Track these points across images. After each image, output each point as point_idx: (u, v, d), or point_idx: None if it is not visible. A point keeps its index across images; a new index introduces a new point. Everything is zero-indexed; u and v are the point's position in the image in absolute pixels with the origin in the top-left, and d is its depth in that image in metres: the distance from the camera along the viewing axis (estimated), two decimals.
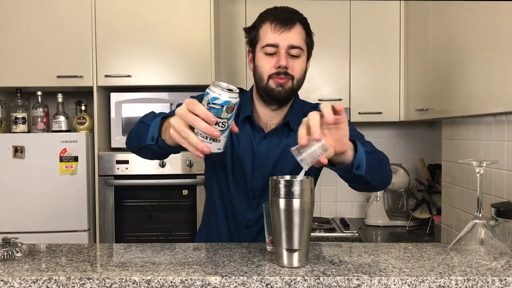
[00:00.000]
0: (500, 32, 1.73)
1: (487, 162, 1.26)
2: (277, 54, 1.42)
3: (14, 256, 1.24)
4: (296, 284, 1.05)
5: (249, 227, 1.51)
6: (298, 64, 1.44)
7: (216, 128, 1.00)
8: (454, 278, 1.04)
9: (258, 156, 1.47)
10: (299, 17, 1.46)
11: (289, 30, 1.42)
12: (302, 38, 1.44)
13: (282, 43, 1.41)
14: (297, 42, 1.42)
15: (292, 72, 1.43)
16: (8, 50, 2.68)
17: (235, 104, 1.04)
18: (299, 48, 1.42)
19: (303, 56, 1.45)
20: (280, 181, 1.11)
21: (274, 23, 1.43)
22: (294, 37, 1.42)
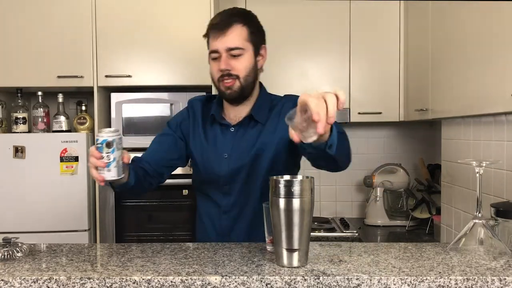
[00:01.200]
0: (499, 32, 1.74)
1: (487, 162, 1.26)
2: (220, 57, 1.52)
3: (14, 256, 1.25)
4: (296, 284, 1.05)
5: (226, 212, 1.61)
6: (241, 63, 1.52)
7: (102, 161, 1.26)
8: (454, 277, 1.04)
9: (224, 147, 1.59)
10: (237, 18, 1.54)
11: (224, 34, 1.51)
12: (241, 37, 1.52)
13: (220, 48, 1.51)
14: (234, 43, 1.51)
15: (236, 72, 1.52)
16: (9, 50, 2.68)
17: (112, 141, 1.26)
18: (238, 48, 1.51)
19: (247, 53, 1.53)
20: (280, 181, 1.11)
21: (212, 30, 1.54)
22: (230, 39, 1.51)
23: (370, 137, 3.32)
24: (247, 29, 1.54)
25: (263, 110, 1.60)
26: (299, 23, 2.95)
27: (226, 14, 1.56)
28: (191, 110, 1.69)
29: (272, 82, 2.97)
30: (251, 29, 1.55)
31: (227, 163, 1.58)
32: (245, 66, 1.53)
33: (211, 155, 1.60)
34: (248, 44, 1.53)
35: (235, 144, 1.59)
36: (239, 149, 1.58)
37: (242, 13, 1.58)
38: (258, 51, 1.58)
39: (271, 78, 2.97)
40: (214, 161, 1.59)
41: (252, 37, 1.54)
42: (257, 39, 1.57)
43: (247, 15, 1.58)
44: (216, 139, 1.61)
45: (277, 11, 2.96)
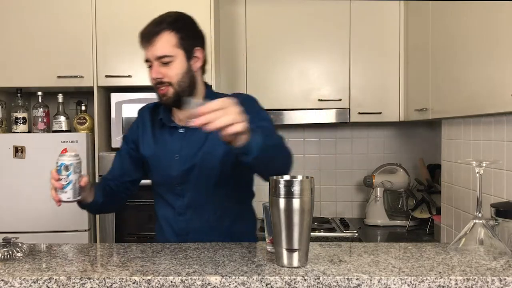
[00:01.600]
0: (499, 32, 1.74)
1: (487, 162, 1.26)
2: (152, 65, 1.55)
3: (14, 256, 1.25)
4: (296, 284, 1.05)
5: (181, 214, 1.62)
6: (172, 70, 1.53)
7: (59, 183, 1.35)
8: (454, 278, 1.04)
9: (174, 149, 1.61)
10: (165, 25, 1.54)
11: (151, 44, 1.53)
12: (170, 45, 1.53)
13: (150, 57, 1.54)
14: (162, 52, 1.52)
15: (167, 79, 1.53)
16: (8, 50, 2.68)
17: (69, 165, 1.35)
18: (166, 56, 1.52)
19: (178, 59, 1.54)
20: (280, 181, 1.11)
21: (141, 40, 1.57)
22: (158, 48, 1.52)
23: (370, 137, 3.32)
24: (176, 35, 1.54)
25: None
26: (299, 23, 2.95)
27: (155, 23, 1.57)
28: (140, 118, 1.72)
29: (272, 82, 2.98)
30: (180, 35, 1.55)
31: (178, 164, 1.60)
32: (176, 72, 1.54)
33: (162, 158, 1.63)
34: (178, 50, 1.54)
35: (184, 145, 1.61)
36: (188, 149, 1.60)
37: (172, 19, 1.57)
38: (191, 55, 1.58)
39: (271, 78, 2.97)
40: (166, 163, 1.62)
41: (182, 42, 1.55)
42: (188, 43, 1.57)
43: (177, 20, 1.58)
44: (166, 141, 1.63)
45: (277, 11, 2.96)
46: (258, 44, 2.96)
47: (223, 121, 1.13)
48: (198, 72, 1.63)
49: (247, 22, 2.96)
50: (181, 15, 1.62)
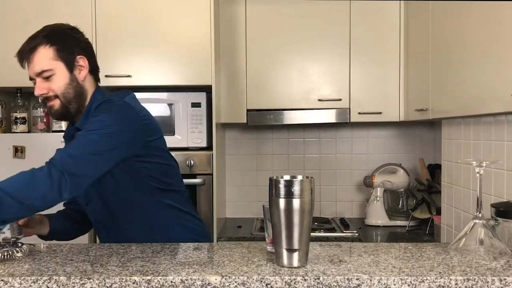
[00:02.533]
0: (499, 32, 1.73)
1: (487, 162, 1.26)
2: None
3: (14, 256, 1.25)
4: (296, 284, 1.05)
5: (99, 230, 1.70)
6: (54, 82, 1.51)
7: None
8: (454, 278, 1.04)
9: None
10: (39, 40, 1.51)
11: (29, 60, 1.51)
12: (47, 58, 1.50)
13: (31, 74, 1.52)
14: (40, 67, 1.49)
15: (52, 92, 1.52)
16: (9, 50, 2.67)
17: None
18: (45, 70, 1.50)
19: (59, 72, 1.51)
20: (280, 181, 1.11)
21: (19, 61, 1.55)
22: (35, 65, 1.50)
23: (370, 137, 3.32)
24: (53, 47, 1.51)
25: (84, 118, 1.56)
26: (299, 23, 2.95)
27: (29, 39, 1.53)
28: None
29: (272, 82, 2.98)
30: (56, 46, 1.51)
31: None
32: (58, 85, 1.51)
33: None
34: (57, 63, 1.51)
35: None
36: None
37: (46, 32, 1.53)
38: (73, 64, 1.54)
39: (271, 78, 2.97)
40: None
41: (60, 54, 1.51)
42: (67, 53, 1.53)
43: (52, 32, 1.53)
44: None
45: (277, 11, 2.96)
46: (258, 44, 2.96)
47: None
48: (86, 80, 1.57)
49: (247, 22, 2.96)
50: (57, 27, 1.57)
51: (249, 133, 3.28)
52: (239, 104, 2.96)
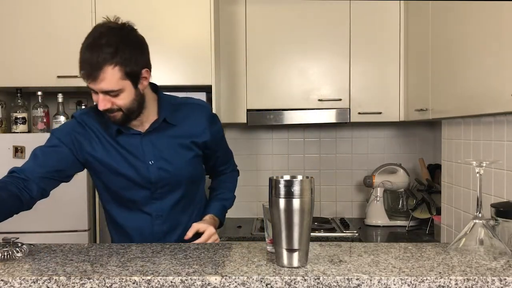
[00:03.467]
0: (499, 32, 1.73)
1: (487, 162, 1.26)
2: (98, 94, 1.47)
3: (14, 256, 1.25)
4: (296, 284, 1.05)
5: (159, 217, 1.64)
6: (121, 99, 1.47)
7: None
8: (454, 278, 1.04)
9: (147, 154, 1.60)
10: (107, 58, 1.41)
11: (96, 80, 1.43)
12: (116, 79, 1.43)
13: (96, 89, 1.46)
14: (108, 87, 1.44)
15: (117, 106, 1.48)
16: (8, 50, 2.68)
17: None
18: (113, 91, 1.45)
19: (125, 90, 1.47)
20: (280, 181, 1.11)
21: (82, 72, 1.45)
22: (103, 84, 1.43)
23: (370, 137, 3.32)
24: (120, 67, 1.42)
25: (170, 112, 1.62)
26: (299, 23, 2.95)
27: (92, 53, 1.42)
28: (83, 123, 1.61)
29: (272, 82, 2.98)
30: (124, 67, 1.43)
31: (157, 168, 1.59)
32: (125, 102, 1.48)
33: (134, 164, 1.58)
34: (124, 82, 1.45)
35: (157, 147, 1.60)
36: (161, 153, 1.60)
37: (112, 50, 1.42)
38: (138, 81, 1.50)
39: (271, 78, 2.97)
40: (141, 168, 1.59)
41: (127, 73, 1.45)
42: (134, 71, 1.46)
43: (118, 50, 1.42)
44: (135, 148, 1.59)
45: (277, 11, 2.96)
46: (258, 44, 2.96)
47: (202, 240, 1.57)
48: (146, 89, 1.57)
49: (247, 22, 2.96)
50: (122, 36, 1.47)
51: (249, 133, 3.28)
52: (239, 104, 2.96)
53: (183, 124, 1.63)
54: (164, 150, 1.61)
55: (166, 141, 1.61)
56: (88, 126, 1.61)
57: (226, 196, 1.82)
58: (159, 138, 1.61)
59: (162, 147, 1.61)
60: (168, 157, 1.60)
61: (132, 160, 1.59)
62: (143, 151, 1.59)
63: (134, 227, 1.65)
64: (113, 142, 1.59)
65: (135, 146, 1.59)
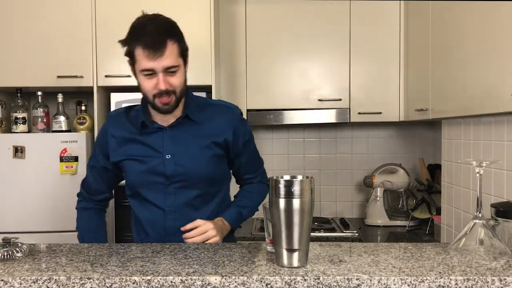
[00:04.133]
0: (499, 32, 1.73)
1: (487, 162, 1.26)
2: (156, 74, 1.50)
3: (14, 256, 1.25)
4: (296, 284, 1.05)
5: (172, 212, 1.64)
6: (177, 79, 1.54)
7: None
8: (454, 278, 1.04)
9: (166, 148, 1.62)
10: (169, 34, 1.51)
11: (161, 55, 1.48)
12: (176, 55, 1.51)
13: (157, 68, 1.49)
14: (171, 62, 1.50)
15: (173, 87, 1.53)
16: (8, 50, 2.68)
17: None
18: (174, 66, 1.51)
19: (181, 68, 1.55)
20: (280, 181, 1.11)
21: (146, 50, 1.48)
22: (167, 59, 1.49)
23: (370, 137, 3.32)
24: (178, 44, 1.53)
25: (196, 110, 1.65)
26: (299, 23, 2.95)
27: (156, 32, 1.51)
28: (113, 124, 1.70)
29: (272, 82, 2.98)
30: (180, 43, 1.54)
31: (171, 164, 1.61)
32: (180, 81, 1.55)
33: (152, 159, 1.62)
34: (180, 60, 1.54)
35: (178, 143, 1.62)
36: (180, 149, 1.62)
37: (169, 26, 1.55)
38: (186, 61, 1.59)
39: (271, 78, 2.97)
40: (157, 164, 1.62)
41: (181, 51, 1.54)
42: (185, 49, 1.57)
43: (174, 27, 1.56)
44: (153, 142, 1.63)
45: (277, 11, 2.96)
46: (258, 44, 2.96)
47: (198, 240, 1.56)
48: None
49: (247, 22, 2.96)
50: (171, 20, 1.59)
51: None
52: (239, 104, 2.95)
53: (206, 123, 1.64)
54: (184, 146, 1.62)
55: (187, 137, 1.63)
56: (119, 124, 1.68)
57: (244, 203, 1.76)
58: (181, 134, 1.63)
59: (182, 143, 1.62)
60: (186, 153, 1.62)
61: (151, 152, 1.62)
62: (162, 145, 1.62)
63: (148, 221, 1.67)
64: (136, 136, 1.64)
65: (156, 140, 1.63)
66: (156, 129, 1.63)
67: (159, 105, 1.55)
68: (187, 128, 1.64)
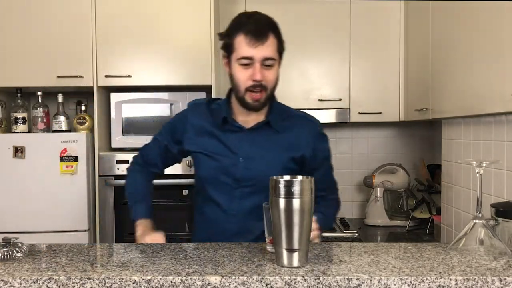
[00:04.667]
0: (499, 32, 1.73)
1: (487, 162, 1.26)
2: (252, 65, 1.50)
3: (14, 256, 1.24)
4: (296, 284, 1.05)
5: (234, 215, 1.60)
6: (272, 74, 1.53)
7: None
8: (454, 278, 1.04)
9: (241, 150, 1.58)
10: (271, 27, 1.52)
11: (263, 43, 1.48)
12: (275, 48, 1.52)
13: (256, 56, 1.48)
14: (270, 53, 1.50)
15: (266, 83, 1.52)
16: (8, 50, 2.68)
17: None
18: (272, 59, 1.51)
19: (276, 65, 1.55)
20: (280, 181, 1.11)
21: (249, 36, 1.48)
22: (268, 49, 1.49)
23: (370, 137, 3.32)
24: (278, 40, 1.53)
25: (278, 119, 1.62)
26: (299, 23, 2.95)
27: (260, 22, 1.52)
28: (194, 113, 1.67)
29: None
30: (279, 40, 1.54)
31: (242, 167, 1.58)
32: (274, 77, 1.55)
33: (225, 158, 1.59)
34: (278, 55, 1.54)
35: (253, 148, 1.58)
36: (255, 154, 1.58)
37: (272, 22, 1.55)
38: (280, 61, 1.58)
39: None
40: (229, 164, 1.58)
41: (280, 48, 1.55)
42: (282, 49, 1.57)
43: (276, 25, 1.56)
44: (230, 142, 1.59)
45: (277, 11, 2.94)
46: None
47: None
48: None
49: None
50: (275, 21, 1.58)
51: None
52: None
53: (286, 133, 1.61)
54: (259, 152, 1.58)
55: (264, 144, 1.59)
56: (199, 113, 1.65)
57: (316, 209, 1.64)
58: (259, 139, 1.59)
59: (258, 148, 1.58)
60: (260, 160, 1.57)
61: (226, 152, 1.59)
62: (238, 146, 1.59)
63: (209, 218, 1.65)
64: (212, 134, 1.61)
65: (233, 140, 1.59)
66: (236, 129, 1.60)
67: (248, 101, 1.53)
68: (266, 135, 1.60)
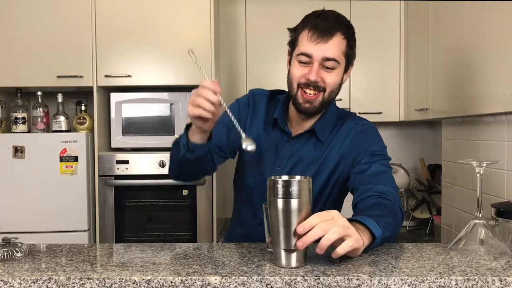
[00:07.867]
0: (499, 32, 1.73)
1: (487, 162, 1.26)
2: (311, 64, 1.39)
3: (14, 256, 1.24)
4: (296, 284, 1.05)
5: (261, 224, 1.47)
6: (331, 77, 1.40)
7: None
8: (454, 278, 1.04)
9: (279, 158, 1.49)
10: (341, 27, 1.40)
11: (325, 41, 1.37)
12: (340, 50, 1.39)
13: (316, 55, 1.37)
14: (332, 54, 1.37)
15: (323, 85, 1.40)
16: (8, 50, 2.68)
17: None
18: (334, 60, 1.38)
19: (339, 68, 1.41)
20: (278, 181, 1.11)
21: (312, 32, 1.39)
22: (330, 49, 1.37)
23: None
24: (347, 42, 1.40)
25: (326, 129, 1.48)
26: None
27: (329, 19, 1.41)
28: (253, 103, 1.57)
29: (272, 82, 2.97)
30: (349, 43, 1.41)
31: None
32: (334, 81, 1.41)
33: (264, 163, 1.50)
34: (343, 59, 1.41)
35: (292, 156, 1.48)
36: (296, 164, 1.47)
37: (346, 23, 1.43)
38: (347, 68, 1.46)
39: (271, 78, 2.97)
40: (266, 170, 1.49)
41: (348, 52, 1.42)
42: (351, 55, 1.44)
43: (350, 27, 1.44)
44: (276, 146, 1.49)
45: (277, 11, 2.96)
46: (258, 44, 2.96)
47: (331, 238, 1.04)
48: None
49: (247, 22, 2.96)
50: (348, 21, 1.46)
51: None
52: None
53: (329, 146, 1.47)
54: (298, 161, 1.47)
55: (306, 154, 1.47)
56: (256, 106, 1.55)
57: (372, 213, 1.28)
58: (301, 148, 1.48)
59: (298, 158, 1.47)
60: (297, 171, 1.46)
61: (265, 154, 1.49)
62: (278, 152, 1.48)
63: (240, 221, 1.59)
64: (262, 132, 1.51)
65: (276, 143, 1.49)
66: (283, 133, 1.49)
67: (300, 100, 1.41)
68: (309, 145, 1.47)
